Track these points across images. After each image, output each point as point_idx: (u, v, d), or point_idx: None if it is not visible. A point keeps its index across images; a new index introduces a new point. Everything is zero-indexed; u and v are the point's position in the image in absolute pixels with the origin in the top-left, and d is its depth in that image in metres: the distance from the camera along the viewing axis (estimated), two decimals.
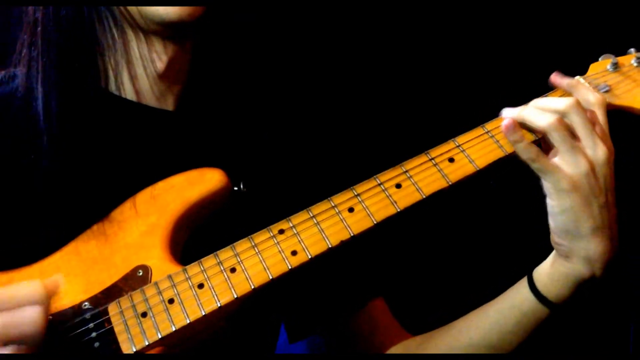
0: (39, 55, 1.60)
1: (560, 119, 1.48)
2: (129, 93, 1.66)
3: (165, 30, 1.61)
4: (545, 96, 1.59)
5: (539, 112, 1.51)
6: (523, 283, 1.56)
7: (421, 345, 1.72)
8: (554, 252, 1.54)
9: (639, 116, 1.61)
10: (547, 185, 1.48)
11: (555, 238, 1.51)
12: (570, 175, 1.46)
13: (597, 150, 1.48)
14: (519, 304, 1.55)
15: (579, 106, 1.49)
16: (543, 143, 1.52)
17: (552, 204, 1.48)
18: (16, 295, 1.33)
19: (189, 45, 1.69)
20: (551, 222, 1.50)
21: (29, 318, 1.31)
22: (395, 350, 1.74)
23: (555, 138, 1.48)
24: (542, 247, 1.54)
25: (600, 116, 1.52)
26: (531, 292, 1.53)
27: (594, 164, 1.47)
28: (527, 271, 1.57)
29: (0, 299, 1.32)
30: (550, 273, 1.52)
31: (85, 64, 1.61)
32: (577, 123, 1.49)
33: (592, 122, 1.50)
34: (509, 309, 1.57)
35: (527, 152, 1.48)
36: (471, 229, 2.40)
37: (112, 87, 1.65)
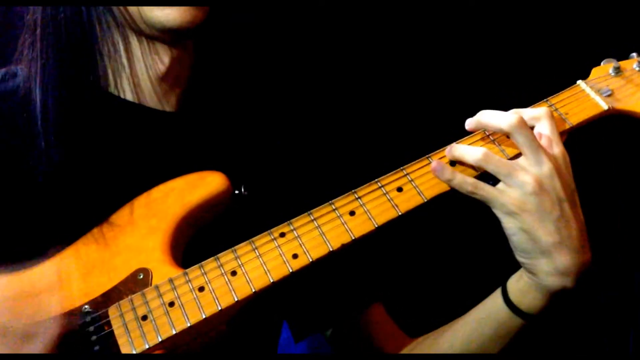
0: (37, 57, 1.60)
1: (485, 154, 1.47)
2: (129, 95, 1.66)
3: (167, 36, 1.60)
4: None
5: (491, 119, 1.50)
6: (498, 293, 1.56)
7: (411, 350, 1.72)
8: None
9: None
10: (495, 211, 1.48)
11: (517, 257, 1.50)
12: (515, 197, 1.45)
13: (543, 166, 1.46)
14: (494, 314, 1.55)
15: (522, 125, 1.47)
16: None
17: (504, 227, 1.47)
18: None
19: (190, 47, 1.69)
20: (510, 242, 1.49)
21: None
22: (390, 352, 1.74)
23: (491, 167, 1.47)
24: None
25: (548, 127, 1.50)
26: (504, 303, 1.53)
27: (541, 180, 1.45)
28: None
29: None
30: (521, 285, 1.52)
31: (85, 66, 1.61)
32: (521, 143, 1.47)
33: (538, 136, 1.48)
34: (486, 318, 1.57)
35: (464, 186, 1.48)
36: (472, 233, 2.40)
37: (113, 88, 1.65)
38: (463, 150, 1.51)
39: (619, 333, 2.41)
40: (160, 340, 1.43)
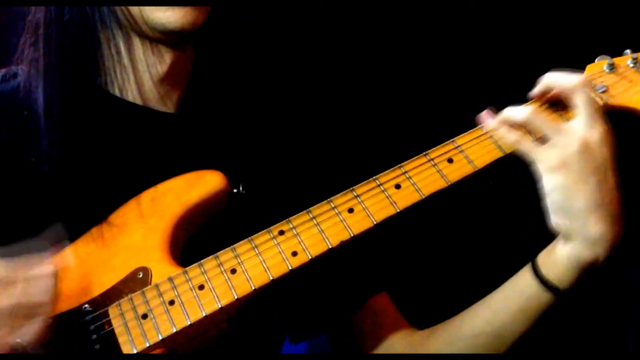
0: (40, 57, 1.60)
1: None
2: (130, 95, 1.66)
3: (168, 38, 1.61)
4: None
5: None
6: (527, 268, 1.54)
7: (425, 338, 1.69)
8: (557, 237, 1.52)
9: (635, 115, 1.62)
10: (537, 166, 1.48)
11: (552, 218, 1.49)
12: (559, 153, 1.46)
13: (594, 129, 1.48)
14: (522, 290, 1.53)
15: (586, 85, 1.52)
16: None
17: (544, 182, 1.48)
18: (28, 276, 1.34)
19: (190, 49, 1.69)
20: (546, 201, 1.49)
21: (40, 287, 1.33)
22: (399, 344, 1.72)
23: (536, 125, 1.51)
24: (543, 242, 1.53)
25: (595, 100, 1.53)
26: (535, 277, 1.51)
27: (589, 141, 1.47)
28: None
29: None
30: (553, 256, 1.50)
31: (88, 67, 1.62)
32: (580, 102, 1.50)
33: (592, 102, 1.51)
34: (513, 295, 1.55)
35: (509, 136, 1.52)
36: (473, 225, 2.40)
37: (114, 89, 1.66)
38: (511, 111, 1.53)
39: (615, 330, 2.43)
40: (160, 338, 1.43)
